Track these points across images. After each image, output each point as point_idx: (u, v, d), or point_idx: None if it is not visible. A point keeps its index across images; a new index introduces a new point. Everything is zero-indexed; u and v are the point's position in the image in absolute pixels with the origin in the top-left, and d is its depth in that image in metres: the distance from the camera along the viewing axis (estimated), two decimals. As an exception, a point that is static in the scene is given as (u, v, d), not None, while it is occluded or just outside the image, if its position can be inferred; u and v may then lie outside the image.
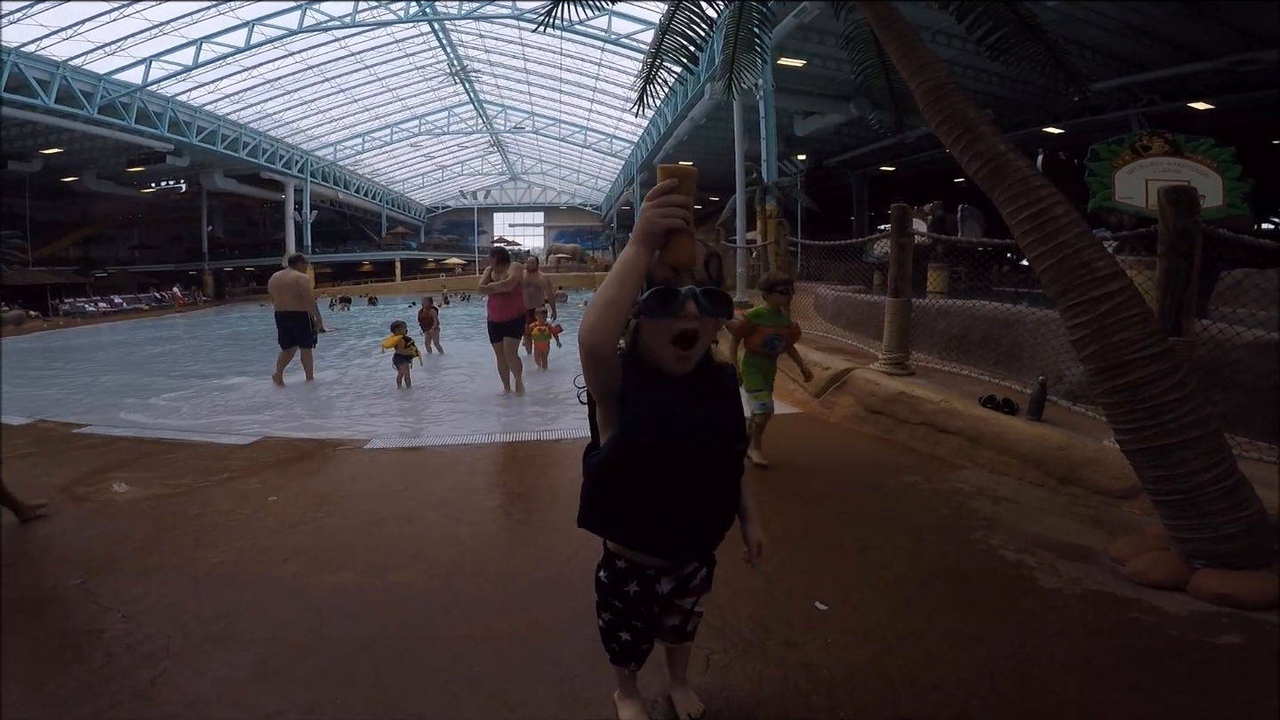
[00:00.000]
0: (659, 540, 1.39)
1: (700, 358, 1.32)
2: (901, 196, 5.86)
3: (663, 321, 1.25)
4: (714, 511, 1.40)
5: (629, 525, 1.39)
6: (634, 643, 1.50)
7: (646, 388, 1.29)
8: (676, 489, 1.32)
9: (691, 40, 4.81)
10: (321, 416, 5.95)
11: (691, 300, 1.24)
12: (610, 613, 1.49)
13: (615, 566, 1.46)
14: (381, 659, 1.97)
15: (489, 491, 3.63)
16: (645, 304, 1.24)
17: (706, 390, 1.34)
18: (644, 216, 1.16)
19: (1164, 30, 13.67)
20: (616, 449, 1.30)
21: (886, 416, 4.29)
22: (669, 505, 1.33)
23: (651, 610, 1.48)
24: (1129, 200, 4.12)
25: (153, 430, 5.30)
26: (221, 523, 3.15)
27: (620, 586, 1.45)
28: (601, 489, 1.37)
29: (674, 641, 1.61)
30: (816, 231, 19.85)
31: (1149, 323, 2.40)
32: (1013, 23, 3.87)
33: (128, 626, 2.19)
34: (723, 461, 1.37)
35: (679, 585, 1.48)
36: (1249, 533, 2.25)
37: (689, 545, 1.42)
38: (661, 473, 1.30)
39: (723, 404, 1.37)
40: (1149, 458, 2.37)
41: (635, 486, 1.32)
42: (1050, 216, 2.58)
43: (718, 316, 1.28)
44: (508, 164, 51.71)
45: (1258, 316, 3.28)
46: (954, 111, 2.87)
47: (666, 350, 1.27)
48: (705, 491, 1.36)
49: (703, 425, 1.32)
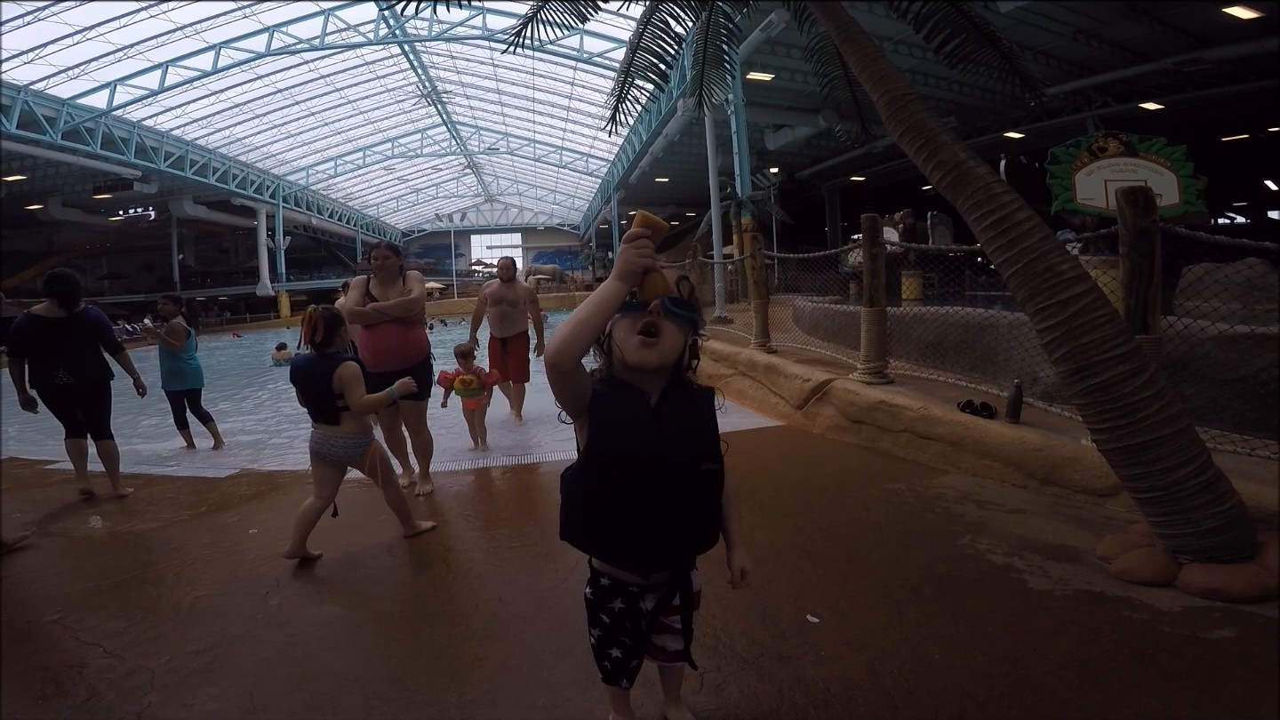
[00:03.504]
0: (622, 551, 1.43)
1: (667, 363, 1.39)
2: (872, 206, 5.97)
3: (630, 315, 1.36)
4: (681, 527, 1.42)
5: (596, 535, 1.44)
6: (624, 659, 1.52)
7: (617, 401, 1.38)
8: (638, 500, 1.37)
9: (661, 58, 4.86)
10: (296, 449, 5.84)
11: (659, 303, 1.36)
12: (599, 628, 1.52)
13: (599, 584, 1.50)
14: (370, 690, 1.92)
15: (473, 518, 3.59)
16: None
17: (677, 408, 1.41)
18: (624, 257, 1.30)
19: (1110, 33, 14.22)
20: (585, 457, 1.40)
21: (868, 425, 4.33)
22: (631, 516, 1.38)
23: (639, 627, 1.49)
24: (1090, 202, 4.22)
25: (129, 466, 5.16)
26: (203, 556, 3.08)
27: (605, 603, 1.49)
28: (573, 498, 1.43)
29: (666, 661, 1.60)
30: (792, 244, 20.12)
31: (1116, 323, 2.45)
32: (968, 30, 3.97)
33: (110, 661, 2.13)
34: (689, 478, 1.40)
35: (661, 602, 1.49)
36: (1230, 526, 2.29)
37: (651, 558, 1.43)
38: (623, 483, 1.36)
39: (693, 422, 1.43)
40: (1125, 456, 2.41)
41: (599, 495, 1.38)
42: (1013, 222, 2.63)
43: (682, 320, 1.39)
44: (483, 185, 51.75)
45: (1221, 310, 3.37)
46: (915, 122, 2.93)
47: (632, 341, 1.36)
48: (669, 506, 1.38)
49: (668, 440, 1.38)
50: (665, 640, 1.55)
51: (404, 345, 3.90)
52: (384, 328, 3.83)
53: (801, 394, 5.01)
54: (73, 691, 1.97)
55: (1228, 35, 13.21)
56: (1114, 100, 16.91)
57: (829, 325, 7.22)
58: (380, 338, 3.83)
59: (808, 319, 8.20)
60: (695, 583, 1.54)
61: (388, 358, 3.83)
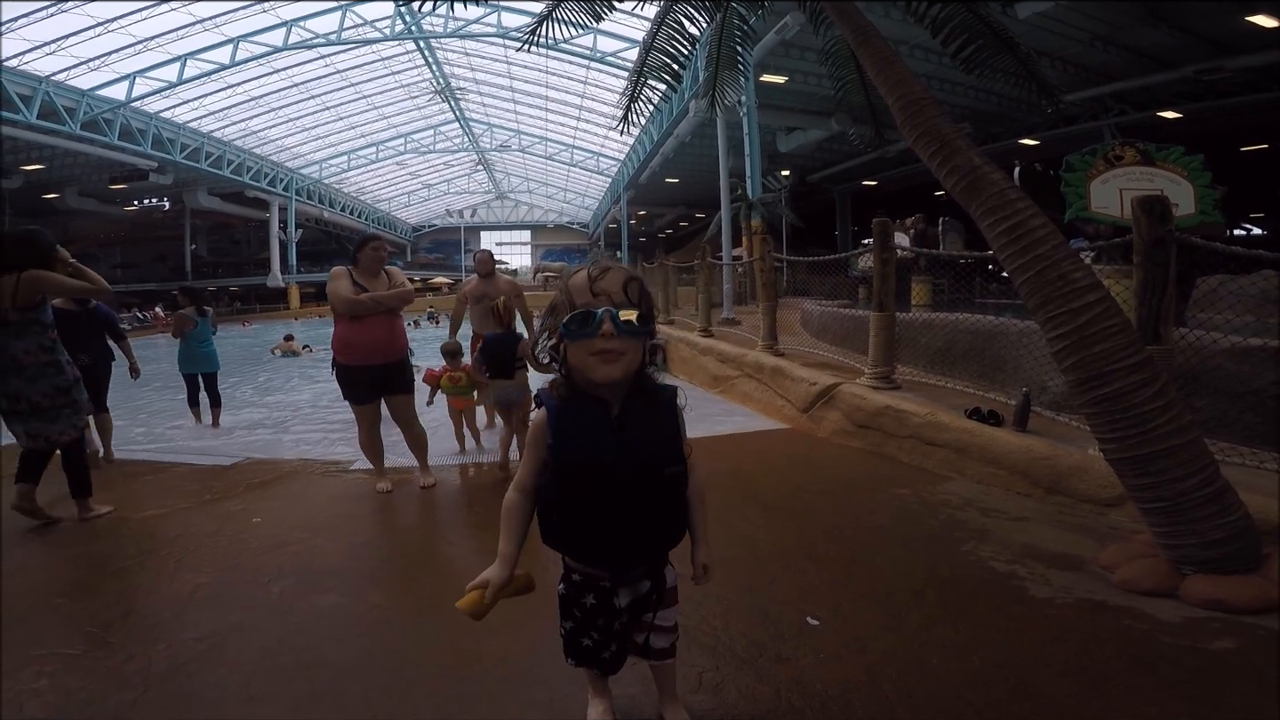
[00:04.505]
0: (588, 552, 1.47)
1: (629, 373, 1.37)
2: (883, 211, 5.93)
3: (582, 342, 1.33)
4: (647, 529, 1.43)
5: (567, 540, 1.47)
6: (594, 650, 1.52)
7: (579, 415, 1.39)
8: (603, 509, 1.39)
9: (675, 58, 4.86)
10: (304, 439, 5.88)
11: (609, 320, 1.31)
12: (571, 621, 1.54)
13: (571, 579, 1.52)
14: (370, 681, 1.93)
15: (476, 512, 3.60)
16: (566, 327, 1.34)
17: (639, 416, 1.40)
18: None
19: (1130, 40, 14.08)
20: (551, 470, 1.42)
21: (874, 430, 4.31)
22: (597, 523, 1.40)
23: (611, 622, 1.50)
24: (1105, 210, 4.19)
25: (134, 453, 5.22)
26: (205, 544, 3.10)
27: (578, 598, 1.50)
28: (544, 506, 1.46)
29: (652, 659, 1.60)
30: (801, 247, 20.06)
31: (1128, 333, 2.43)
32: (985, 35, 3.95)
33: (108, 648, 2.14)
34: (651, 484, 1.40)
35: (637, 599, 1.50)
36: (1236, 537, 2.27)
37: (617, 559, 1.46)
38: (588, 494, 1.39)
39: (654, 431, 1.42)
40: (1133, 466, 2.39)
41: (566, 505, 1.41)
42: (1027, 229, 2.62)
43: (635, 335, 1.34)
44: (494, 182, 51.89)
45: (1235, 322, 3.33)
46: (930, 126, 2.92)
47: (589, 361, 1.34)
48: (634, 511, 1.39)
49: (630, 451, 1.38)
50: (647, 637, 1.55)
51: (393, 338, 3.85)
52: (375, 320, 3.75)
53: (808, 397, 5.00)
54: (67, 679, 1.97)
55: (1251, 44, 13.07)
56: (1132, 108, 16.74)
57: (837, 329, 7.20)
58: (371, 331, 3.74)
59: (816, 322, 8.18)
60: (669, 579, 1.54)
61: (378, 350, 3.77)
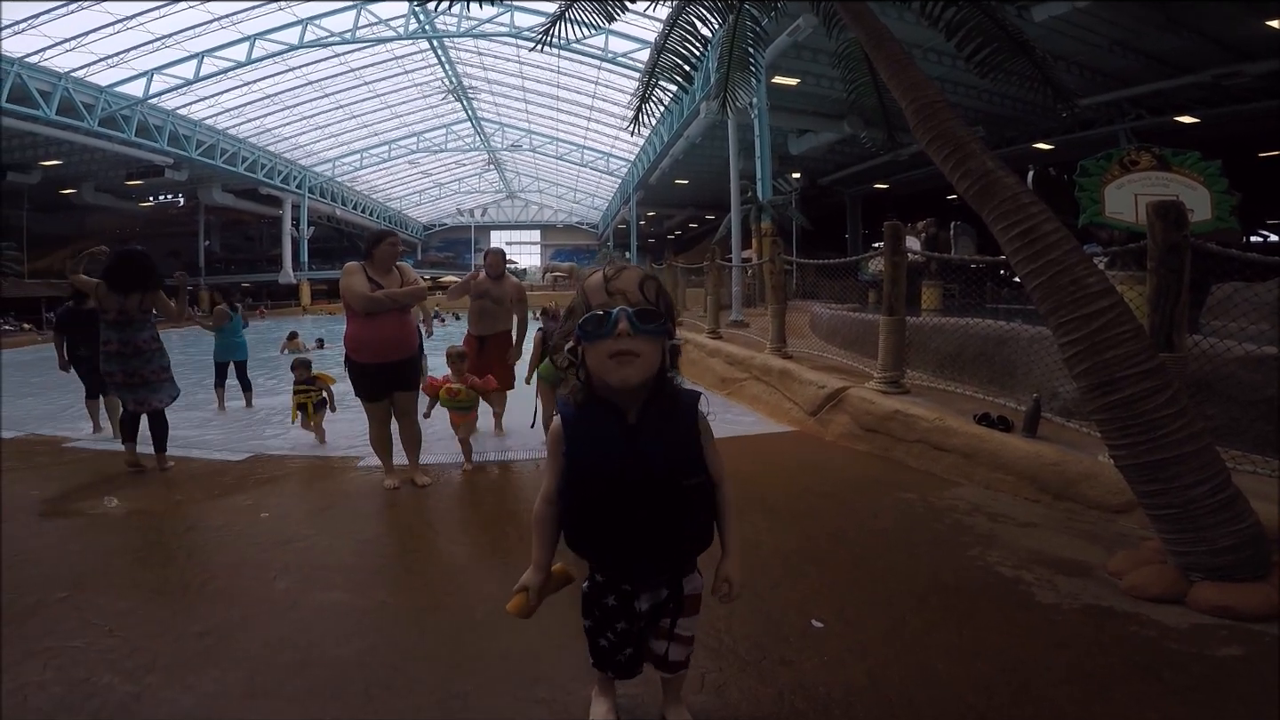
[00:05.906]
0: (601, 558, 1.48)
1: (647, 377, 1.33)
2: (895, 214, 5.90)
3: (598, 343, 1.31)
4: (665, 541, 1.42)
5: (583, 542, 1.47)
6: (611, 651, 1.53)
7: (593, 422, 1.38)
8: (618, 519, 1.38)
9: (686, 59, 4.85)
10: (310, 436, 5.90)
11: (624, 320, 1.29)
12: (591, 619, 1.54)
13: (595, 579, 1.52)
14: (373, 677, 1.94)
15: (483, 510, 3.61)
16: (581, 329, 1.32)
17: (657, 424, 1.37)
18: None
19: (1147, 44, 13.93)
20: (566, 478, 1.42)
21: (882, 434, 4.29)
22: (613, 532, 1.40)
23: (631, 624, 1.49)
24: (1119, 215, 4.15)
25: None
26: (213, 538, 3.13)
27: (600, 598, 1.50)
28: (563, 508, 1.46)
29: (663, 671, 1.59)
30: (811, 249, 20.00)
31: (1140, 339, 2.41)
32: (1000, 39, 3.93)
33: (113, 641, 2.15)
34: (669, 496, 1.38)
35: (656, 606, 1.49)
36: (1245, 545, 2.25)
37: (631, 566, 1.46)
38: (602, 504, 1.39)
39: (673, 438, 1.40)
40: (1143, 473, 2.37)
41: (577, 506, 1.42)
42: (1040, 234, 2.59)
43: (653, 335, 1.31)
44: (505, 182, 52.07)
45: (1249, 330, 3.30)
46: (944, 130, 2.90)
47: (606, 364, 1.31)
48: (651, 522, 1.38)
49: (645, 460, 1.36)
50: (663, 647, 1.54)
51: (406, 335, 3.83)
52: (389, 317, 3.72)
53: (816, 400, 4.98)
54: (72, 671, 1.97)
55: (1271, 49, 12.92)
56: (1148, 113, 16.57)
57: (846, 333, 7.17)
58: (384, 327, 3.71)
59: (825, 326, 8.15)
60: (689, 587, 1.52)
61: (392, 347, 3.75)
